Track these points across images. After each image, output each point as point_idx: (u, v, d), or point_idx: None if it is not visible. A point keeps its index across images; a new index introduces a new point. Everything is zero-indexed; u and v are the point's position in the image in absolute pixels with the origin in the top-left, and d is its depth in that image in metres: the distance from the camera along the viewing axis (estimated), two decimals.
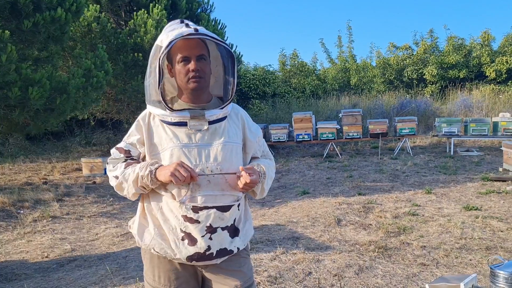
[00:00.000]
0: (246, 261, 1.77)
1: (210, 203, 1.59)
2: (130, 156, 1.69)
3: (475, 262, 3.72)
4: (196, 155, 1.60)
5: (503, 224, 4.70)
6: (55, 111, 6.54)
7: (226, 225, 1.63)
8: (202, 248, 1.59)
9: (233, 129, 1.71)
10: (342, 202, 5.86)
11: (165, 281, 1.67)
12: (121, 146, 1.71)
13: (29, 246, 4.65)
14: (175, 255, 1.60)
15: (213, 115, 1.65)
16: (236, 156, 1.68)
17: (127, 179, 1.62)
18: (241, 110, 1.83)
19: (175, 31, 1.59)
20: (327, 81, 17.91)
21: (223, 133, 1.66)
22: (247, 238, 1.75)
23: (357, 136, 10.14)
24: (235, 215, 1.67)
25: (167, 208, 1.62)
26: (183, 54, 1.61)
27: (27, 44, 6.38)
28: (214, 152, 1.62)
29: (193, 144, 1.61)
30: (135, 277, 3.62)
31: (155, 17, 9.21)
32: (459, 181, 7.04)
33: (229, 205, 1.63)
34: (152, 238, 1.63)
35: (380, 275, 3.50)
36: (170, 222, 1.61)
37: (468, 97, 13.79)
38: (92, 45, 8.56)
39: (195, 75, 1.61)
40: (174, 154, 1.59)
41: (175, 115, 1.62)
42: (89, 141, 12.66)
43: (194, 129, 1.62)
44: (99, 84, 7.20)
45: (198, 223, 1.58)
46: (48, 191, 7.14)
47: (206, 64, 1.65)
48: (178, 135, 1.62)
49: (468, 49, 16.87)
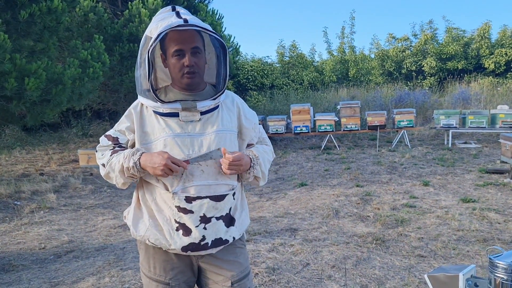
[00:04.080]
0: (242, 251, 1.76)
1: (204, 193, 1.58)
2: (118, 143, 1.66)
3: (473, 253, 3.73)
4: (189, 145, 1.58)
5: (500, 216, 4.71)
6: (51, 102, 6.50)
7: (221, 214, 1.62)
8: (197, 238, 1.57)
9: (228, 116, 1.69)
10: (340, 194, 5.86)
11: (160, 271, 1.66)
12: (109, 133, 1.69)
13: (26, 237, 4.64)
14: (170, 246, 1.59)
15: (205, 106, 1.62)
16: (231, 144, 1.66)
17: (114, 169, 1.60)
18: (236, 97, 1.80)
19: (165, 21, 1.55)
20: (325, 73, 17.84)
21: (215, 122, 1.64)
22: (243, 228, 1.73)
23: (355, 128, 10.13)
24: (230, 204, 1.65)
25: (160, 199, 1.60)
26: (176, 47, 1.57)
27: (23, 35, 6.31)
28: (207, 141, 1.60)
29: (185, 134, 1.59)
30: (132, 268, 3.61)
31: (150, 7, 9.13)
32: (456, 173, 7.05)
33: (223, 194, 1.62)
34: (146, 229, 1.61)
35: (378, 266, 3.51)
36: (164, 212, 1.60)
37: (466, 90, 13.77)
38: (88, 35, 8.49)
39: (190, 70, 1.58)
40: (168, 144, 1.57)
41: (166, 107, 1.59)
42: (86, 132, 12.60)
43: (186, 120, 1.60)
44: (96, 75, 7.14)
45: (192, 213, 1.57)
46: (45, 182, 7.12)
47: (201, 57, 1.62)
48: (171, 125, 1.60)
49: (466, 40, 16.83)
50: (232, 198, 1.66)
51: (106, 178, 1.67)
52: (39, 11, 5.91)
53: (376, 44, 19.06)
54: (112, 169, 1.61)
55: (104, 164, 1.64)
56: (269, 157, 1.81)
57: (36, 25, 6.11)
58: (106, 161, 1.63)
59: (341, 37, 19.11)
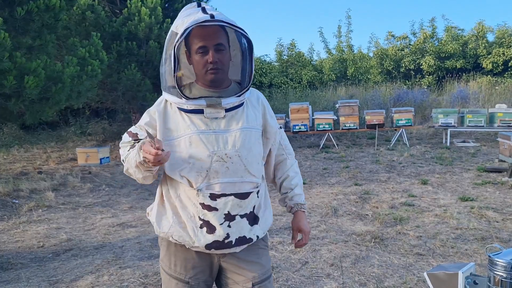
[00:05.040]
0: (265, 252, 1.74)
1: (228, 190, 1.55)
2: (138, 139, 1.64)
3: (471, 252, 3.74)
4: (214, 142, 1.56)
5: (498, 214, 4.73)
6: (50, 100, 6.48)
7: (245, 212, 1.59)
8: (221, 236, 1.55)
9: (253, 114, 1.66)
10: (338, 193, 5.87)
11: (180, 269, 1.64)
12: (130, 129, 1.68)
13: (24, 236, 4.63)
14: (193, 243, 1.57)
15: (230, 103, 1.60)
16: (255, 142, 1.64)
17: (131, 165, 1.58)
18: (261, 95, 1.78)
19: (191, 16, 1.53)
20: (324, 71, 17.84)
21: (240, 119, 1.61)
22: (267, 227, 1.71)
23: (354, 127, 10.13)
24: (254, 202, 1.63)
25: (185, 196, 1.59)
26: (200, 44, 1.55)
27: (21, 32, 6.29)
28: (232, 138, 1.57)
29: (210, 130, 1.57)
30: (131, 267, 3.61)
31: (149, 5, 9.10)
32: (455, 172, 7.07)
33: (248, 192, 1.59)
34: (170, 226, 1.60)
35: (376, 264, 3.52)
36: (188, 209, 1.58)
37: (465, 88, 13.79)
38: (86, 33, 8.47)
39: (214, 67, 1.56)
40: (193, 141, 1.55)
41: (191, 103, 1.57)
42: (84, 131, 12.58)
43: (211, 117, 1.58)
44: (94, 72, 7.13)
45: (216, 211, 1.54)
46: (43, 180, 7.11)
47: (225, 54, 1.59)
48: (195, 122, 1.57)
49: (465, 39, 16.85)
50: (256, 196, 1.63)
51: (127, 174, 1.65)
52: (37, 8, 5.89)
53: (375, 42, 19.08)
54: (130, 165, 1.58)
55: (124, 161, 1.63)
56: (300, 178, 1.89)
57: (34, 23, 6.09)
58: (125, 156, 1.62)
59: (338, 36, 19.13)
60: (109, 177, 7.60)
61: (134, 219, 5.13)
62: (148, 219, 1.75)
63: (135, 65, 9.12)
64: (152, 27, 9.17)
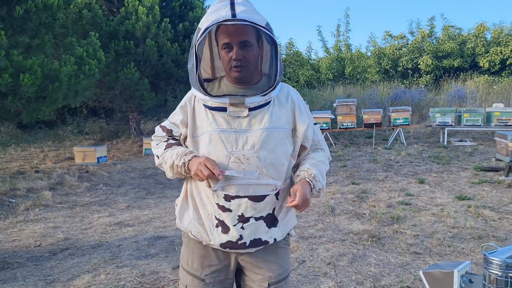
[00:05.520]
0: (285, 251, 1.72)
1: (243, 192, 1.54)
2: (172, 136, 1.68)
3: (468, 250, 3.75)
4: (233, 142, 1.54)
5: (495, 213, 4.74)
6: (47, 99, 6.46)
7: (261, 215, 1.57)
8: (234, 237, 1.56)
9: (279, 113, 1.61)
10: (336, 192, 5.88)
11: (197, 266, 1.65)
12: (164, 124, 1.71)
13: (21, 235, 4.62)
14: (209, 241, 1.59)
15: (254, 102, 1.56)
16: (280, 143, 1.58)
17: (166, 162, 1.63)
18: (292, 91, 1.71)
19: (215, 13, 1.51)
20: (322, 70, 17.85)
21: (264, 118, 1.57)
22: (287, 229, 1.68)
23: (351, 126, 10.15)
24: (273, 205, 1.60)
25: (204, 194, 1.61)
26: (225, 41, 1.55)
27: (19, 31, 6.26)
28: (253, 138, 1.54)
29: (231, 130, 1.55)
30: (128, 266, 3.61)
31: (147, 4, 9.08)
32: (452, 171, 7.08)
33: (263, 194, 1.56)
34: (190, 221, 1.63)
35: (373, 263, 3.52)
36: (207, 208, 1.60)
37: (462, 88, 13.82)
38: (83, 32, 8.44)
39: (237, 64, 1.55)
40: (212, 139, 1.55)
41: (215, 101, 1.57)
42: (82, 130, 12.55)
43: (234, 116, 1.56)
44: (92, 71, 7.11)
45: (230, 212, 1.55)
46: (40, 179, 7.09)
47: (250, 51, 1.56)
48: (217, 120, 1.57)
49: (463, 39, 16.88)
50: (274, 199, 1.60)
51: (159, 166, 1.72)
52: (35, 7, 5.87)
53: (373, 42, 19.10)
54: (165, 162, 1.64)
55: (158, 156, 1.68)
56: (326, 166, 1.72)
57: (32, 21, 6.07)
58: (160, 153, 1.67)
59: (337, 35, 19.13)
60: (106, 176, 7.59)
61: (131, 218, 5.12)
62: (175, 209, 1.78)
63: (134, 64, 9.11)
64: (149, 26, 9.15)
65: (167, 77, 10.33)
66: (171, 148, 1.64)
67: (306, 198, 1.53)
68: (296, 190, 1.53)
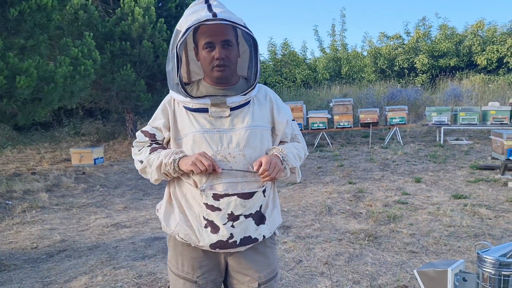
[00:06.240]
0: (272, 250, 1.73)
1: (231, 190, 1.55)
2: (155, 140, 1.66)
3: (464, 249, 3.76)
4: (218, 141, 1.56)
5: (491, 212, 4.76)
6: (42, 100, 6.44)
7: (250, 212, 1.59)
8: (225, 236, 1.56)
9: (259, 111, 1.65)
10: (332, 191, 5.88)
11: (188, 269, 1.64)
12: (146, 129, 1.69)
13: (18, 237, 4.61)
14: (198, 242, 1.58)
15: (235, 102, 1.59)
16: (262, 141, 1.62)
17: (151, 165, 1.61)
18: (269, 91, 1.76)
19: (194, 14, 1.53)
20: (318, 70, 17.87)
21: (246, 117, 1.60)
22: (274, 226, 1.70)
23: (348, 125, 10.16)
24: (260, 202, 1.62)
25: (190, 195, 1.60)
26: (207, 40, 1.55)
27: (13, 33, 6.24)
28: (237, 137, 1.57)
29: (214, 129, 1.57)
30: (125, 267, 3.60)
31: (143, 5, 9.07)
32: (448, 169, 7.11)
33: (252, 191, 1.58)
34: (177, 224, 1.61)
35: (370, 262, 3.53)
36: (193, 209, 1.59)
37: (458, 87, 13.87)
38: (79, 33, 8.42)
39: (220, 63, 1.56)
40: (196, 140, 1.56)
41: (196, 102, 1.58)
42: (78, 131, 12.52)
43: (215, 116, 1.58)
44: (87, 72, 7.09)
45: (219, 211, 1.55)
46: (36, 181, 7.07)
47: (232, 50, 1.58)
48: (199, 121, 1.58)
49: (459, 37, 16.93)
50: (262, 196, 1.62)
51: (141, 172, 1.69)
52: (29, 8, 5.85)
53: (368, 42, 19.12)
54: (150, 164, 1.62)
55: (142, 160, 1.65)
56: (300, 153, 1.73)
57: (27, 23, 6.05)
58: (145, 158, 1.64)
59: (332, 35, 19.15)
60: (103, 178, 7.57)
61: (128, 220, 5.11)
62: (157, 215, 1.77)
63: (130, 65, 9.09)
64: (145, 27, 9.14)
65: (163, 78, 10.29)
66: (156, 151, 1.63)
67: (273, 162, 1.53)
68: (260, 158, 1.55)
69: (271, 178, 1.54)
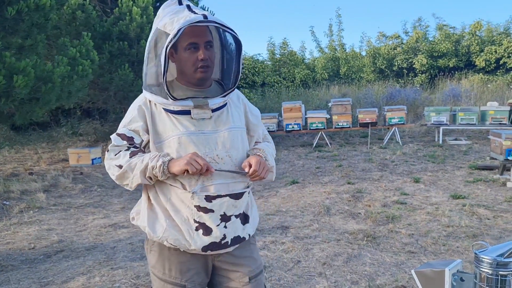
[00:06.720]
0: (255, 247, 1.77)
1: (223, 191, 1.56)
2: (133, 143, 1.59)
3: (462, 249, 3.76)
4: (205, 143, 1.56)
5: (489, 212, 4.76)
6: (40, 100, 6.42)
7: (239, 212, 1.61)
8: (218, 237, 1.55)
9: (236, 114, 1.68)
10: (331, 191, 5.88)
11: (176, 273, 1.61)
12: (123, 132, 1.60)
13: (15, 237, 4.59)
14: (190, 246, 1.55)
15: (216, 103, 1.60)
16: (242, 142, 1.67)
17: (133, 169, 1.53)
18: (240, 93, 1.79)
19: (179, 15, 1.51)
20: (317, 70, 17.86)
21: (227, 119, 1.62)
22: (255, 224, 1.74)
23: (346, 125, 10.15)
24: (246, 201, 1.65)
25: (177, 199, 1.56)
26: (191, 41, 1.54)
27: (11, 32, 6.22)
28: (221, 139, 1.58)
29: (199, 132, 1.56)
30: (123, 268, 3.59)
31: (141, 5, 9.06)
32: (447, 170, 7.11)
33: (241, 192, 1.61)
34: (164, 230, 1.56)
35: (368, 263, 3.52)
36: (181, 213, 1.56)
37: (457, 87, 13.88)
38: (76, 33, 8.40)
39: (204, 64, 1.55)
40: (182, 142, 1.53)
41: (178, 104, 1.56)
42: (76, 131, 12.48)
43: (198, 118, 1.57)
44: (85, 72, 7.07)
45: (212, 212, 1.54)
46: (34, 181, 7.05)
47: (213, 51, 1.60)
48: (183, 123, 1.56)
49: (457, 37, 16.95)
50: (247, 196, 1.66)
51: (119, 178, 1.59)
52: (27, 8, 5.83)
53: (367, 42, 19.13)
54: (131, 169, 1.54)
55: (121, 165, 1.56)
56: (273, 152, 1.80)
57: (24, 22, 6.03)
58: (125, 162, 1.55)
59: (330, 35, 19.14)
60: (101, 178, 7.56)
61: (126, 220, 5.10)
62: (133, 223, 1.72)
63: (128, 65, 9.07)
64: (143, 27, 9.12)
65: None
66: (137, 155, 1.56)
67: (262, 162, 1.60)
68: (248, 160, 1.59)
69: (260, 178, 1.60)
